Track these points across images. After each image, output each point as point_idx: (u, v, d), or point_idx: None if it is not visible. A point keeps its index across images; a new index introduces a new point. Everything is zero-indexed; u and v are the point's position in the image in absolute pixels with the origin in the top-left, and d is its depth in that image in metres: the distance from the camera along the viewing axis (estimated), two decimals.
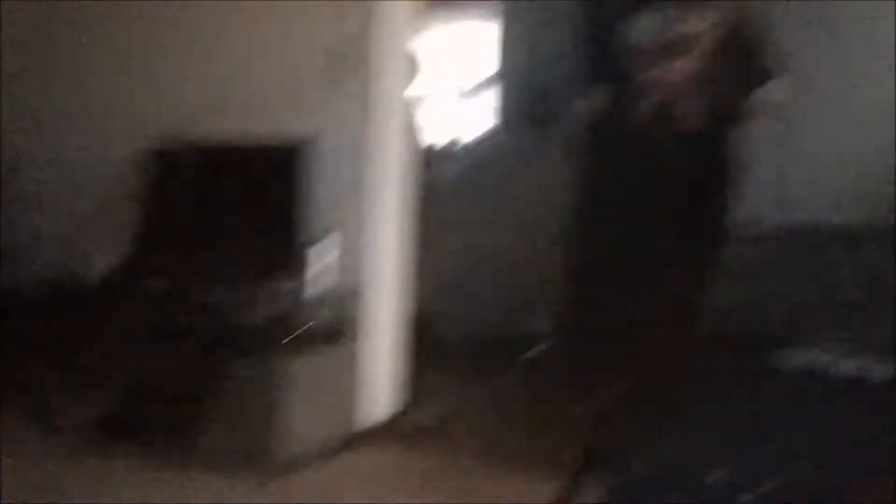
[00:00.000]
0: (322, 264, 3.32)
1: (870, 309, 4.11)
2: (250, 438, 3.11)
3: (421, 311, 3.56)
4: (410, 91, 5.23)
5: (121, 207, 3.93)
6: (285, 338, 3.21)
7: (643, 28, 3.09)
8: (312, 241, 3.32)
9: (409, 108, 3.76)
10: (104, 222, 3.86)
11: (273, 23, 3.69)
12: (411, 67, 5.75)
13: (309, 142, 3.45)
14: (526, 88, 6.07)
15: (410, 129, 3.84)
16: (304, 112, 3.59)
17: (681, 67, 3.08)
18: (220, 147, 3.64)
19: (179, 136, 3.79)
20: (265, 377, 3.10)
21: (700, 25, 3.08)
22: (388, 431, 3.50)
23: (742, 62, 3.10)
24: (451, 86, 6.55)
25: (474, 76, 6.49)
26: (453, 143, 6.55)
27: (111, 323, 3.58)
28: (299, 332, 3.29)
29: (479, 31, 6.57)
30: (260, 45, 3.73)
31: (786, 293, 4.37)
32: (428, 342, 3.64)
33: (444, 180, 4.28)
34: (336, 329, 3.35)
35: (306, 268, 3.32)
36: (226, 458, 3.10)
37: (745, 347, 4.57)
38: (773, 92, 3.16)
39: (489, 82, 6.23)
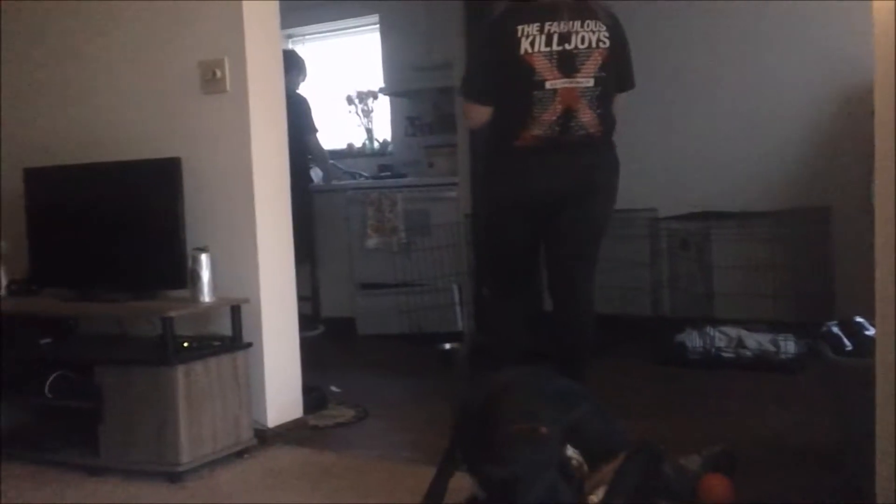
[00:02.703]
0: (209, 276, 3.36)
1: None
2: (153, 445, 3.17)
3: None
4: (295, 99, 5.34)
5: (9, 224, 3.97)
6: (181, 347, 3.26)
7: (545, 40, 3.31)
8: (198, 254, 3.35)
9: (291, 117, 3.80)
10: None
11: (148, 39, 3.72)
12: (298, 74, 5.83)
13: (190, 155, 3.49)
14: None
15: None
16: (183, 126, 3.63)
17: (581, 76, 3.33)
18: (101, 164, 3.67)
19: (60, 154, 3.83)
20: (164, 385, 3.15)
21: (592, 39, 3.35)
22: (287, 433, 3.58)
23: (615, 73, 3.42)
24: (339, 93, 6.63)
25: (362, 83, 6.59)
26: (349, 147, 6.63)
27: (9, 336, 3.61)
28: (194, 341, 3.36)
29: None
30: (135, 62, 3.76)
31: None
32: None
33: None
34: (230, 337, 3.41)
35: (194, 279, 3.36)
36: (132, 465, 3.20)
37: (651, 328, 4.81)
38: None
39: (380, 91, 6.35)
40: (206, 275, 3.35)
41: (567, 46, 3.31)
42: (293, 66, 5.64)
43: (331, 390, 4.24)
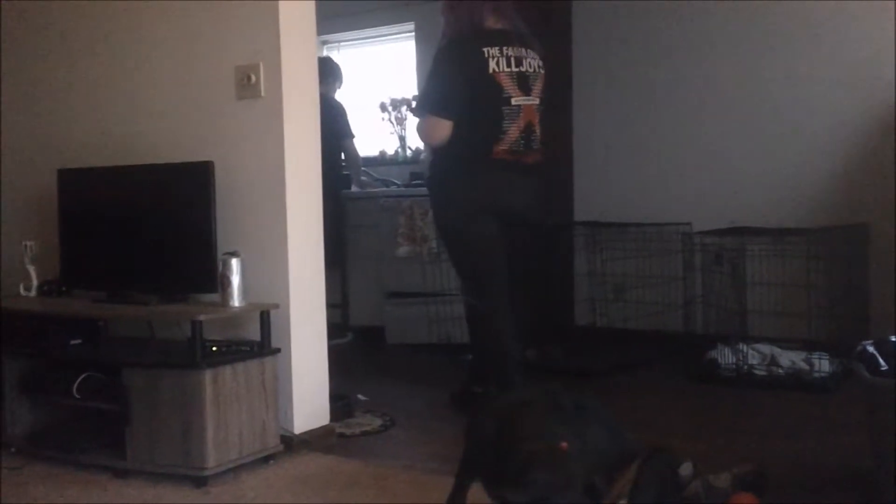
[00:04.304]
0: (239, 280, 3.36)
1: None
2: (179, 449, 3.16)
3: None
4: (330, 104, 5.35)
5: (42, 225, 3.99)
6: (210, 351, 3.26)
7: (506, 62, 3.72)
8: (228, 258, 3.36)
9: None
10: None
11: (184, 43, 3.73)
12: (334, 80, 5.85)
13: (223, 160, 3.49)
14: None
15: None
16: (216, 130, 3.63)
17: (534, 95, 3.76)
18: (134, 166, 3.68)
19: (94, 156, 3.85)
20: (192, 389, 3.14)
21: (535, 64, 3.81)
22: (313, 440, 3.56)
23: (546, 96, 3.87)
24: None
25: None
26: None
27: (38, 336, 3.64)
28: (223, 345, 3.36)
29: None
30: (171, 65, 3.78)
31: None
32: None
33: None
34: (259, 342, 3.40)
35: (224, 284, 3.36)
36: (158, 468, 3.20)
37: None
38: None
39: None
40: (236, 280, 3.35)
41: (521, 68, 3.74)
42: (329, 73, 5.66)
43: (358, 399, 4.23)
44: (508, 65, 3.69)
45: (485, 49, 3.66)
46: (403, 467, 3.28)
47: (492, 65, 3.64)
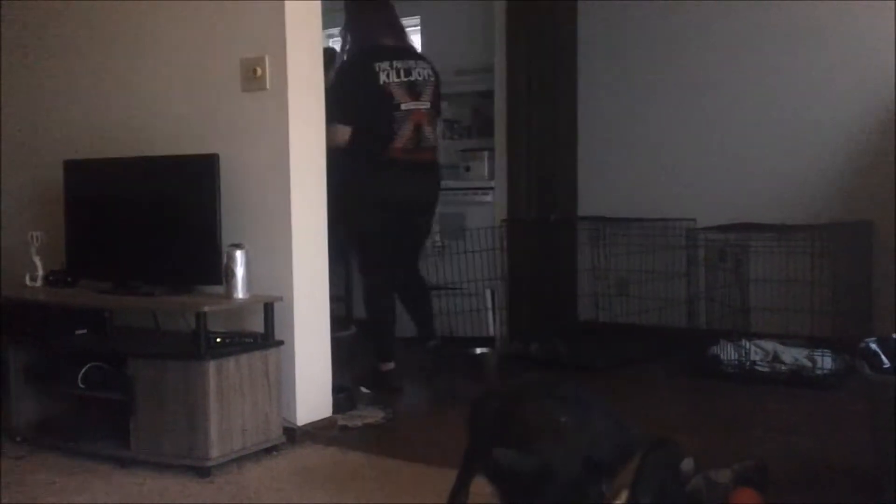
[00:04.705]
0: (244, 273, 3.37)
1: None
2: (183, 439, 3.18)
3: None
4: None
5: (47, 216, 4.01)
6: (214, 342, 3.27)
7: (396, 73, 4.34)
8: (233, 250, 3.37)
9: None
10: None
11: (190, 36, 3.74)
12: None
13: (229, 152, 3.50)
14: None
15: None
16: (222, 123, 3.64)
17: (423, 100, 4.39)
18: (140, 158, 3.69)
19: (100, 147, 3.86)
20: (196, 379, 3.16)
21: (425, 73, 4.45)
22: (316, 432, 3.58)
23: (438, 102, 4.60)
24: None
25: None
26: None
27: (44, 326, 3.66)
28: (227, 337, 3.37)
29: None
30: (176, 57, 3.79)
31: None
32: None
33: None
34: (263, 334, 3.42)
35: (228, 276, 3.37)
36: (161, 458, 3.23)
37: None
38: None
39: None
40: (240, 272, 3.36)
41: (411, 77, 4.37)
42: (332, 63, 5.65)
43: (361, 391, 4.24)
44: (398, 76, 4.33)
45: (376, 64, 4.30)
46: (405, 459, 3.29)
47: (382, 77, 4.29)
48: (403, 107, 4.34)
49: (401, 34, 4.60)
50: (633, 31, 5.57)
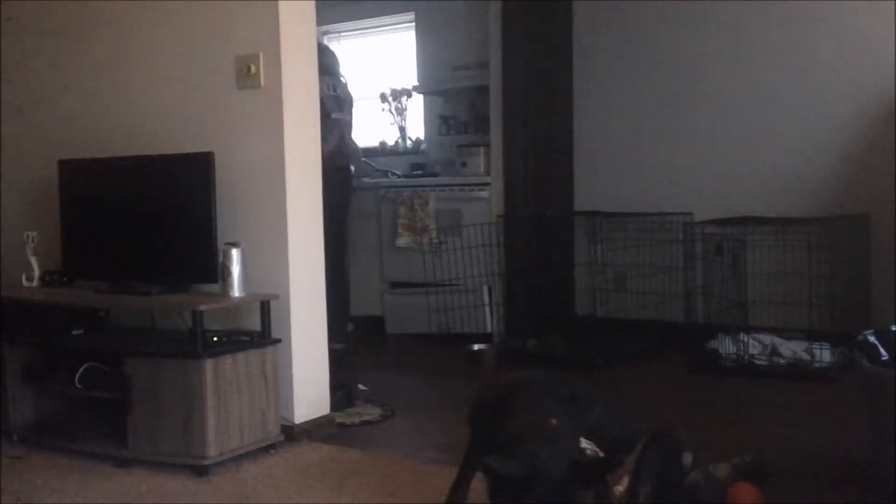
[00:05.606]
0: (240, 271, 3.36)
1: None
2: (180, 438, 3.18)
3: None
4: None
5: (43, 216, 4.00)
6: (210, 341, 3.26)
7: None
8: (229, 249, 3.36)
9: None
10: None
11: (184, 34, 3.72)
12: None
13: (223, 150, 3.49)
14: None
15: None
16: (216, 121, 3.63)
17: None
18: (135, 157, 3.67)
19: (95, 147, 3.85)
20: (193, 378, 3.15)
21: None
22: (313, 430, 3.57)
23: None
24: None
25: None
26: None
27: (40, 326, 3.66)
28: (223, 335, 3.36)
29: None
30: (171, 55, 3.77)
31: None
32: None
33: None
34: (259, 333, 3.41)
35: (224, 275, 3.36)
36: (159, 457, 3.22)
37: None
38: None
39: None
40: (236, 270, 3.35)
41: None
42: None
43: (358, 388, 4.24)
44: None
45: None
46: (403, 456, 3.29)
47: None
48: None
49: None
50: (630, 23, 5.56)
